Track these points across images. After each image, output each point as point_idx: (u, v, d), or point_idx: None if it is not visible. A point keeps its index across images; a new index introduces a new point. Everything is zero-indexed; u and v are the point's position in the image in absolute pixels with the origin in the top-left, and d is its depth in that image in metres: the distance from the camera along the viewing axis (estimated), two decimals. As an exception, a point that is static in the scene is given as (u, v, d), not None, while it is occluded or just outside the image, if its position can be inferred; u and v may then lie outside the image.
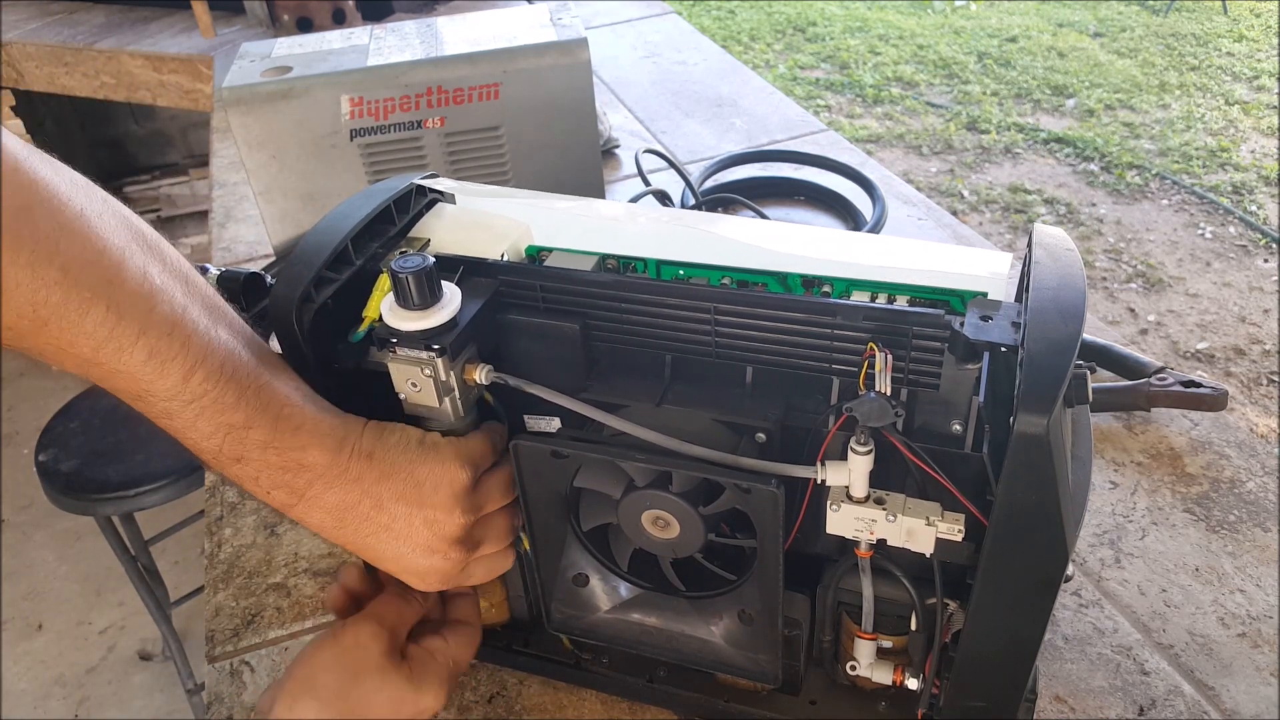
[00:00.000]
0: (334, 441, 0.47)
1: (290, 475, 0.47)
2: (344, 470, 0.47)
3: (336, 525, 0.49)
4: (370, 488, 0.48)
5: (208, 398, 0.44)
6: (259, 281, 0.66)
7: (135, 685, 1.95)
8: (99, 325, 0.40)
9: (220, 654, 0.67)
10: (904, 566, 0.49)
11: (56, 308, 0.39)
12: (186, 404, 0.44)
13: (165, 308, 0.42)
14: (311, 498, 0.47)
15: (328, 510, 0.48)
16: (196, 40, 1.78)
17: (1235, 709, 0.59)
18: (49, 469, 1.53)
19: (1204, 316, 2.71)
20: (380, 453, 0.48)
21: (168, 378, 0.42)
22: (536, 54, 0.93)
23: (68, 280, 0.39)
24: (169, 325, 0.42)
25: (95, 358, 0.41)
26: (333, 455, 0.47)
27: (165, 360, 0.42)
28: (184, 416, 0.44)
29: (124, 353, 0.41)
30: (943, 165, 3.54)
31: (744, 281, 0.51)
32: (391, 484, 0.48)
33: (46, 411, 1.66)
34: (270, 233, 0.98)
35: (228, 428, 0.45)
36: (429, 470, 0.49)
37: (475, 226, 0.56)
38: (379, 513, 0.48)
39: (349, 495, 0.48)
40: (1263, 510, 0.72)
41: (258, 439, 0.46)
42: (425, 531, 0.49)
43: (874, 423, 0.42)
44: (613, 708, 0.62)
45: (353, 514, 0.48)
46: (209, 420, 0.44)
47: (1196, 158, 3.44)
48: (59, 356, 0.41)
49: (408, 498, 0.48)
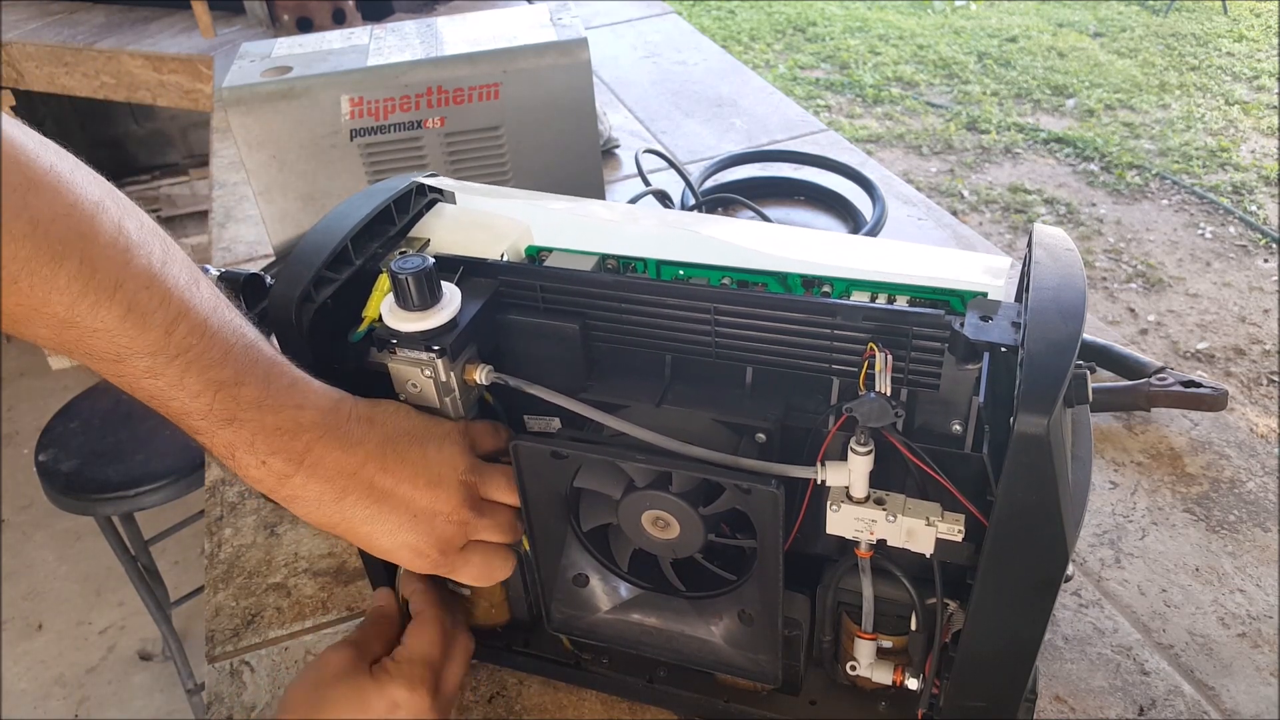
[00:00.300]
0: (330, 400, 0.46)
1: (288, 438, 0.45)
2: (346, 432, 0.46)
3: (337, 496, 0.47)
4: (374, 449, 0.47)
5: (193, 351, 0.42)
6: (259, 282, 0.66)
7: (135, 685, 1.95)
8: (72, 279, 0.39)
9: (220, 654, 0.67)
10: (904, 566, 0.49)
11: (26, 262, 0.38)
12: (171, 359, 0.41)
13: (142, 260, 0.41)
14: (312, 462, 0.46)
15: (329, 478, 0.46)
16: (196, 40, 1.78)
17: (1235, 709, 0.59)
18: (49, 469, 1.53)
19: (1204, 316, 2.71)
20: (380, 417, 0.48)
21: (150, 331, 0.41)
22: (536, 54, 0.93)
23: (37, 233, 0.38)
24: (146, 279, 0.41)
25: (70, 316, 0.39)
26: (330, 414, 0.46)
27: (145, 314, 0.40)
28: (169, 374, 0.42)
29: (100, 308, 0.39)
30: (943, 165, 3.54)
31: (744, 282, 0.51)
32: (396, 445, 0.47)
33: (46, 411, 1.66)
34: (270, 233, 0.98)
35: (217, 384, 0.43)
36: (434, 430, 0.49)
37: (475, 226, 0.56)
38: (384, 475, 0.47)
39: (352, 458, 0.46)
40: (1263, 510, 0.72)
41: (250, 396, 0.44)
42: (428, 493, 0.48)
43: (874, 423, 0.42)
44: (613, 708, 0.62)
45: (355, 480, 0.47)
46: (196, 376, 0.42)
47: (1196, 158, 3.44)
48: (33, 320, 0.39)
49: (412, 458, 0.48)
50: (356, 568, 0.73)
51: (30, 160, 0.39)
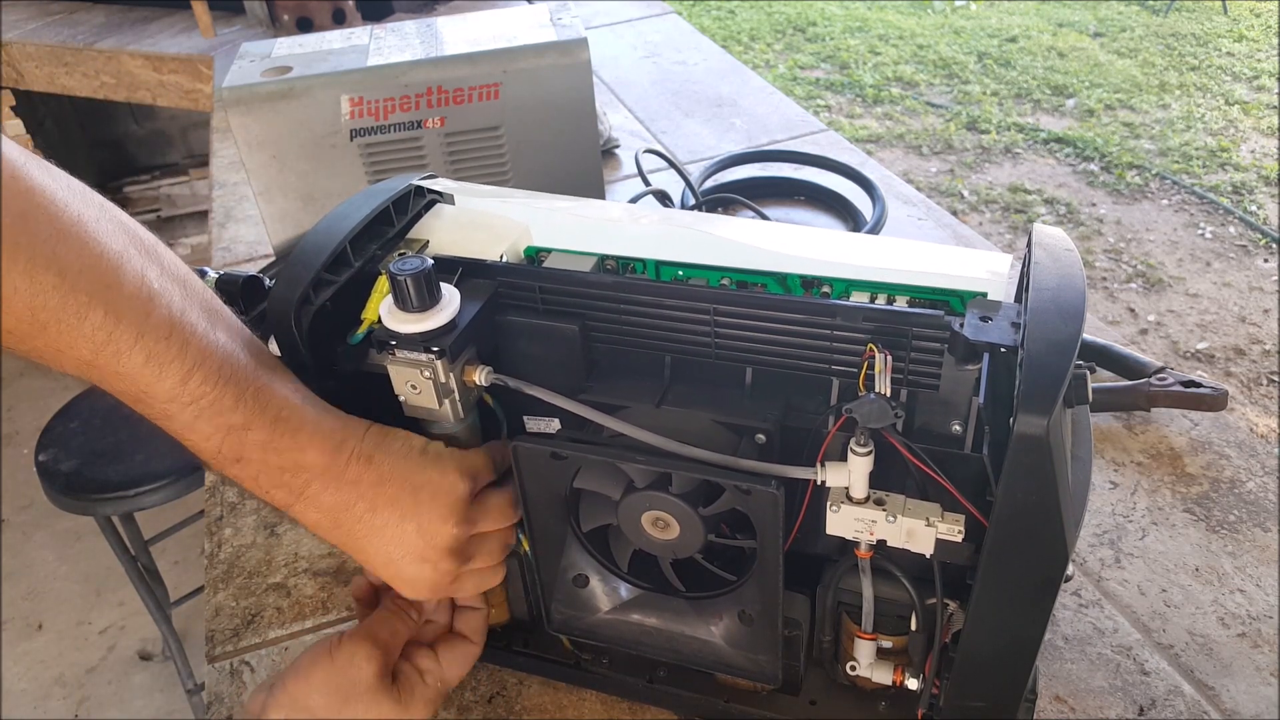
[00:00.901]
0: (333, 443, 0.48)
1: (289, 475, 0.47)
2: (342, 472, 0.48)
3: (332, 525, 0.49)
4: (366, 491, 0.48)
5: (206, 399, 0.44)
6: (257, 284, 0.66)
7: (135, 685, 1.95)
8: (97, 329, 0.40)
9: (220, 654, 0.67)
10: (904, 567, 0.49)
11: (55, 312, 0.39)
12: (185, 406, 0.44)
13: (163, 311, 0.43)
14: (309, 498, 0.48)
15: (324, 510, 0.48)
16: (196, 40, 1.78)
17: (1235, 709, 0.59)
18: (49, 469, 1.53)
19: (1204, 316, 2.71)
20: (380, 457, 0.48)
21: (166, 380, 0.43)
22: (536, 54, 0.93)
23: (65, 284, 0.39)
24: (167, 329, 0.42)
25: (95, 360, 0.41)
26: (331, 456, 0.47)
27: (163, 363, 0.42)
28: (183, 418, 0.44)
29: (122, 356, 0.41)
30: (943, 165, 3.53)
31: (743, 282, 0.51)
32: (388, 488, 0.48)
33: (46, 411, 1.66)
34: (270, 233, 0.98)
35: (227, 429, 0.45)
36: (427, 478, 0.49)
37: (474, 227, 0.56)
38: (373, 515, 0.48)
39: (345, 496, 0.48)
40: (1263, 510, 0.72)
41: (257, 440, 0.46)
42: (417, 539, 0.49)
43: (874, 424, 0.42)
44: (613, 708, 0.62)
45: (347, 515, 0.48)
46: (208, 422, 0.44)
47: (1196, 158, 3.44)
48: (59, 359, 0.41)
49: (403, 504, 0.49)
50: (356, 568, 0.73)
51: (59, 210, 0.40)
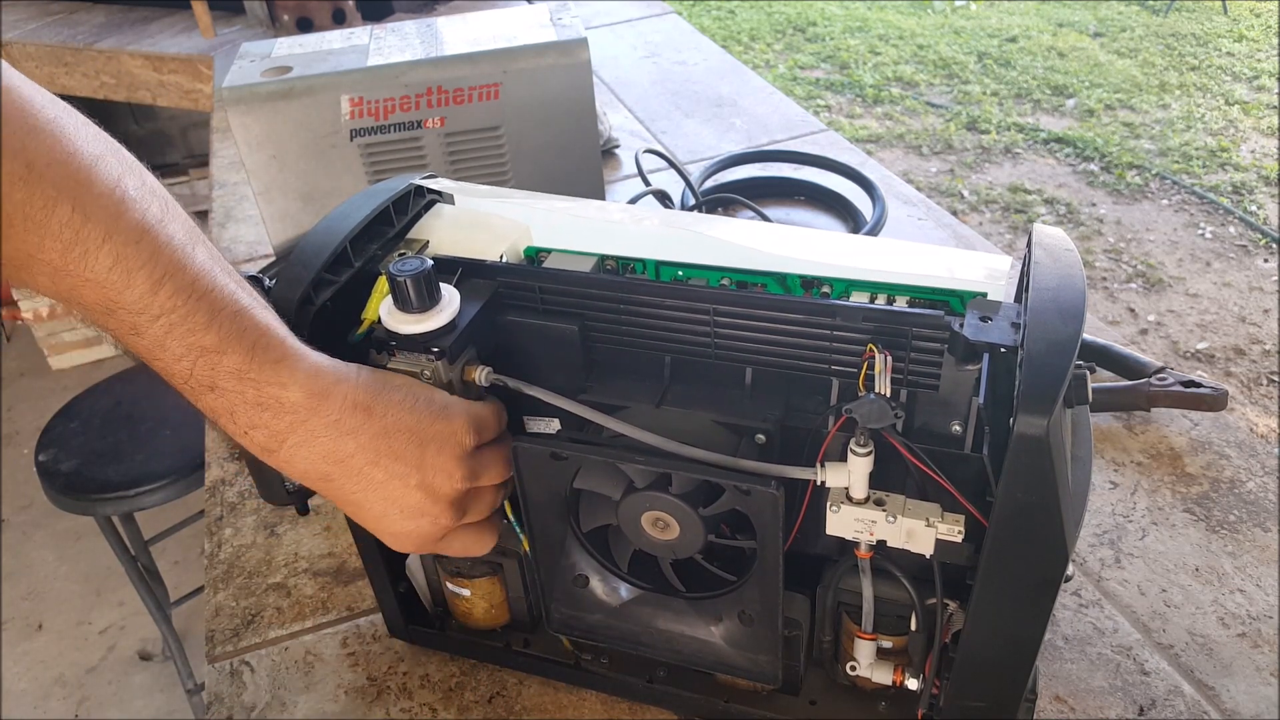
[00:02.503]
0: (320, 385, 0.45)
1: (269, 415, 0.44)
2: (335, 421, 0.45)
3: (321, 477, 0.46)
4: (367, 442, 0.46)
5: (176, 314, 0.41)
6: (257, 284, 0.66)
7: (135, 685, 1.95)
8: (64, 225, 0.39)
9: (220, 654, 0.67)
10: (904, 567, 0.49)
11: (20, 205, 0.38)
12: (154, 319, 0.41)
13: (135, 215, 0.41)
14: (296, 442, 0.45)
15: (314, 459, 0.45)
16: (196, 40, 1.78)
17: (1235, 709, 0.59)
18: (49, 469, 1.53)
19: (1204, 316, 2.71)
20: (381, 408, 0.46)
21: (134, 287, 0.40)
22: (536, 54, 0.93)
23: (32, 176, 0.38)
24: (137, 233, 0.40)
25: (63, 263, 0.39)
26: (318, 400, 0.44)
27: (131, 269, 0.40)
28: (152, 333, 0.42)
29: (89, 256, 0.39)
30: (943, 165, 3.53)
31: (743, 282, 0.51)
32: (393, 441, 0.46)
33: (46, 411, 1.66)
34: (270, 233, 0.98)
35: (199, 350, 0.42)
36: (436, 430, 0.47)
37: (474, 227, 0.56)
38: (374, 469, 0.46)
39: (342, 447, 0.45)
40: (1263, 510, 0.72)
41: (231, 366, 0.43)
42: (418, 494, 0.47)
43: (874, 424, 0.42)
44: (613, 708, 0.62)
45: (343, 467, 0.46)
46: (178, 340, 0.42)
47: (1196, 158, 3.44)
48: (31, 266, 0.40)
49: (408, 457, 0.46)
50: (356, 568, 0.73)
51: (34, 110, 0.39)
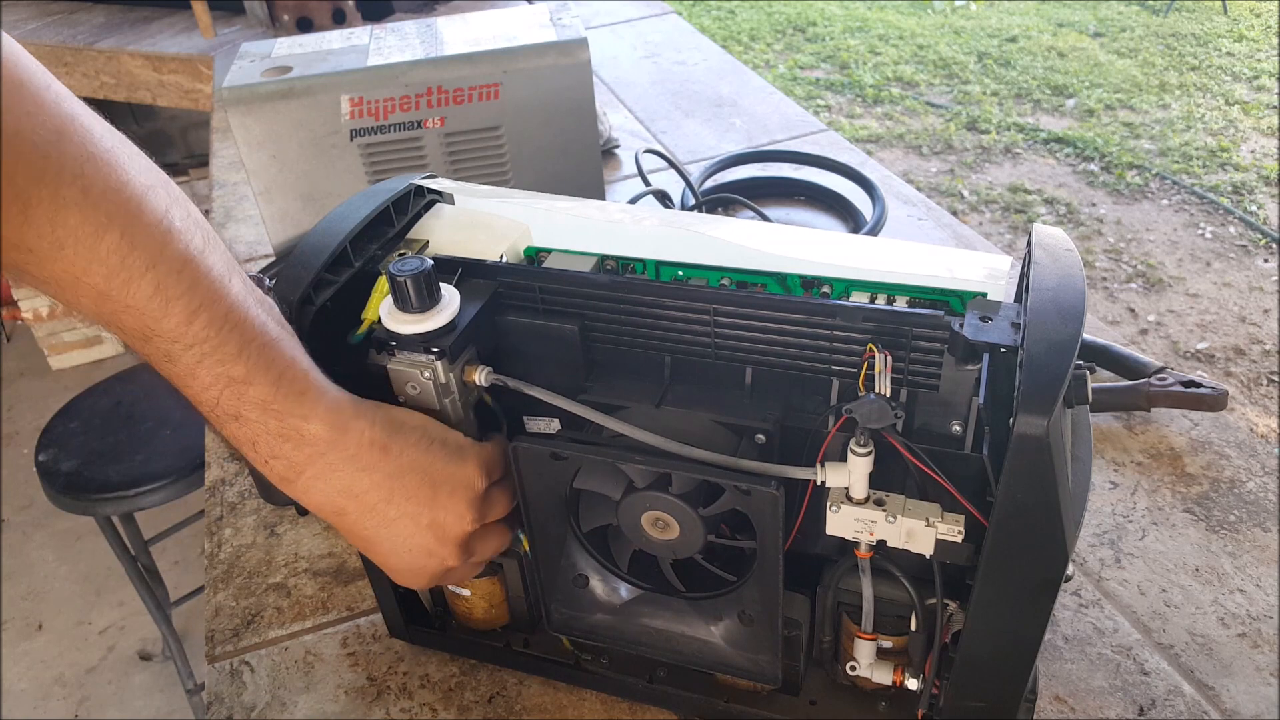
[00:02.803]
0: (340, 419, 0.46)
1: (290, 446, 0.45)
2: (353, 456, 0.46)
3: (336, 511, 0.48)
4: (382, 481, 0.47)
5: (209, 344, 0.43)
6: (258, 284, 0.66)
7: (135, 685, 1.95)
8: (111, 252, 0.40)
9: (220, 654, 0.67)
10: (904, 567, 0.49)
11: (73, 229, 0.39)
12: (187, 348, 0.42)
13: (179, 246, 0.42)
14: (315, 474, 0.46)
15: (330, 493, 0.47)
16: (196, 40, 1.78)
17: (1235, 709, 0.59)
18: (49, 469, 1.53)
19: (1204, 316, 2.71)
20: (397, 447, 0.47)
21: (171, 316, 0.42)
22: (536, 54, 0.93)
23: (87, 201, 0.39)
24: (180, 263, 0.42)
25: (107, 289, 0.41)
26: (338, 434, 0.46)
27: (170, 297, 0.41)
28: (184, 361, 0.43)
29: (132, 284, 0.41)
30: (943, 165, 3.53)
31: (743, 282, 0.51)
32: (407, 480, 0.47)
33: (46, 411, 1.66)
34: (270, 233, 0.98)
35: (227, 379, 0.43)
36: (449, 473, 0.48)
37: (474, 227, 0.56)
38: (388, 506, 0.48)
39: (358, 482, 0.47)
40: (1263, 510, 0.72)
41: (257, 397, 0.44)
42: (428, 534, 0.49)
43: (874, 424, 0.42)
44: (613, 708, 0.62)
45: (358, 502, 0.47)
46: (209, 369, 0.43)
47: (1196, 158, 3.44)
48: (75, 289, 0.41)
49: (421, 497, 0.48)
50: (356, 568, 0.73)
51: (94, 139, 0.40)
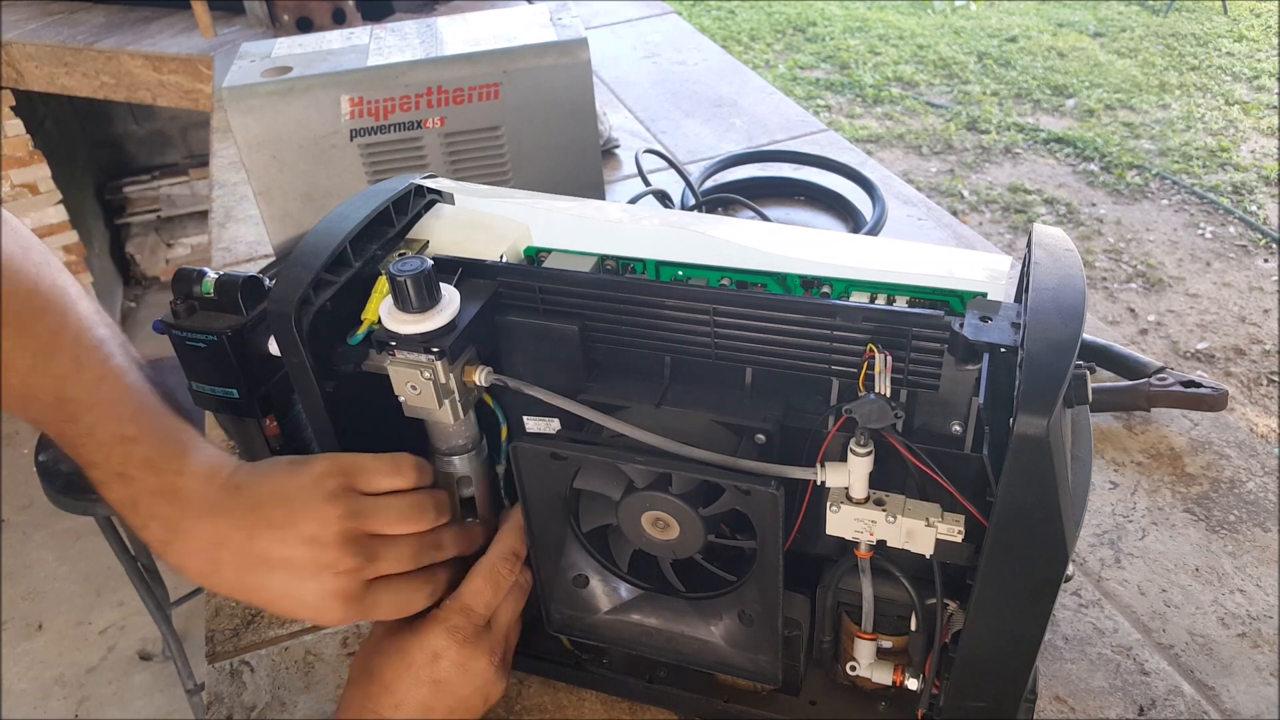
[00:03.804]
0: (207, 470, 0.48)
1: (165, 504, 0.47)
2: (214, 503, 0.48)
3: (213, 568, 0.48)
4: (241, 518, 0.48)
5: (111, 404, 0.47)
6: (257, 284, 0.66)
7: (135, 685, 1.95)
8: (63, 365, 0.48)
9: (220, 654, 0.67)
10: (904, 567, 0.49)
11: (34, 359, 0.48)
12: (89, 408, 0.47)
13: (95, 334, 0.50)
14: (184, 531, 0.47)
15: (201, 548, 0.48)
16: (196, 40, 1.78)
17: (1235, 709, 0.59)
18: (49, 469, 1.52)
19: (1204, 316, 2.71)
20: (249, 483, 0.49)
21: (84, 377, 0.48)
22: (536, 54, 0.93)
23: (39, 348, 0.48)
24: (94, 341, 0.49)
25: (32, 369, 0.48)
26: (204, 485, 0.48)
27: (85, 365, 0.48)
28: (85, 420, 0.47)
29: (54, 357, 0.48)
30: (943, 165, 3.53)
31: (743, 282, 0.51)
32: (262, 512, 0.48)
33: (46, 412, 1.66)
34: (270, 233, 0.98)
35: (119, 438, 0.47)
36: (297, 484, 0.48)
37: (474, 227, 0.56)
38: (252, 542, 0.48)
39: (219, 528, 0.48)
40: (1263, 510, 0.72)
41: (142, 454, 0.47)
42: (303, 549, 0.47)
43: (874, 424, 0.42)
44: (613, 708, 0.62)
45: (226, 550, 0.48)
46: (105, 428, 0.47)
47: (1196, 158, 3.44)
48: None
49: (278, 519, 0.48)
50: (356, 568, 0.73)
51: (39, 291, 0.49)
